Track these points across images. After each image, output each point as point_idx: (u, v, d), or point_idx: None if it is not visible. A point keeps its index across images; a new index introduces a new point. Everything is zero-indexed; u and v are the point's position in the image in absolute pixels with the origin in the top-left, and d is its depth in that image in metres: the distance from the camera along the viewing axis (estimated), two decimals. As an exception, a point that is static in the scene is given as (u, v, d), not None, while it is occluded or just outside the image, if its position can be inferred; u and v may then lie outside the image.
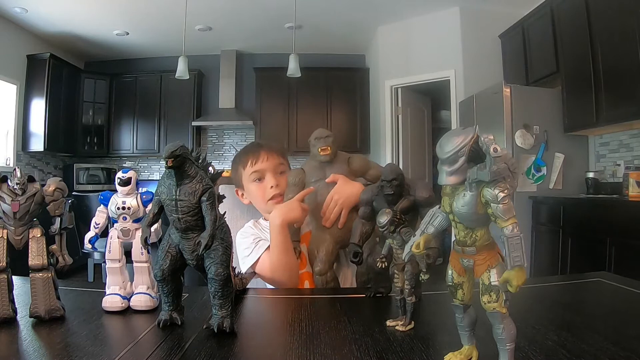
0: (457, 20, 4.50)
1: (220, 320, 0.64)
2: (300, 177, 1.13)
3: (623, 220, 2.49)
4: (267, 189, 1.24)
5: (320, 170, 1.12)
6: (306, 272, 1.14)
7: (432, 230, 0.53)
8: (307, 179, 1.13)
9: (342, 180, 1.10)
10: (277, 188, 1.23)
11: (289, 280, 1.09)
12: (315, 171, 1.13)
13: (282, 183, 1.22)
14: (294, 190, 1.12)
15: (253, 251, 1.17)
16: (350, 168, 1.14)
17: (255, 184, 1.27)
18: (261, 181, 1.26)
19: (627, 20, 2.74)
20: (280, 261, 1.08)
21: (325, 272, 1.05)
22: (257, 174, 1.26)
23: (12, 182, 0.70)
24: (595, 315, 0.78)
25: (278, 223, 1.06)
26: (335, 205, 1.09)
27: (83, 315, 0.74)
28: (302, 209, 1.08)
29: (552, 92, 3.55)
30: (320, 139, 1.10)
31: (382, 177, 0.82)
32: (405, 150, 5.14)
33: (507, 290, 0.45)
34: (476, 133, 0.47)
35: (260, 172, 1.26)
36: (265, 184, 1.25)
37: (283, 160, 1.30)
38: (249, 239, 1.20)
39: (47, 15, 4.56)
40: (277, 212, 1.08)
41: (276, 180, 1.24)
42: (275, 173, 1.26)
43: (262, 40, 5.56)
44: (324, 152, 1.10)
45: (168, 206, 0.65)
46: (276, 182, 1.24)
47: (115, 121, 5.91)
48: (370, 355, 0.57)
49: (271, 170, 1.26)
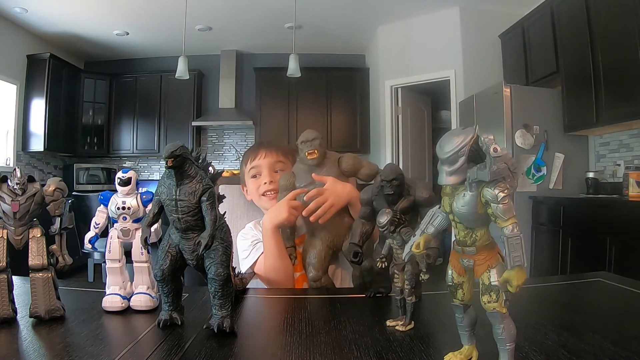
0: (457, 20, 4.50)
1: (220, 320, 0.64)
2: (291, 180, 1.11)
3: (623, 220, 2.49)
4: (262, 185, 1.27)
5: (309, 173, 1.09)
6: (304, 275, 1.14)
7: (432, 230, 0.53)
8: (297, 183, 1.10)
9: (331, 180, 1.07)
10: (272, 184, 1.25)
11: (284, 284, 1.09)
12: (304, 175, 1.09)
13: (276, 180, 1.23)
14: (285, 194, 1.10)
15: (251, 253, 1.17)
16: (340, 169, 1.10)
17: (252, 179, 1.31)
18: (259, 176, 1.30)
19: (627, 20, 2.74)
20: (273, 265, 1.08)
21: (320, 278, 1.03)
22: (255, 170, 1.30)
23: (12, 182, 0.70)
24: (595, 315, 0.78)
25: (269, 227, 1.08)
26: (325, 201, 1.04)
27: (83, 315, 0.74)
28: (289, 210, 1.06)
29: (552, 92, 3.54)
30: (307, 142, 1.07)
31: (382, 177, 0.81)
32: (405, 150, 5.14)
33: (507, 290, 0.45)
34: (476, 133, 0.47)
35: (257, 168, 1.30)
36: (260, 180, 1.29)
37: (283, 159, 1.31)
38: (248, 240, 1.21)
39: (47, 15, 4.56)
40: (267, 216, 1.10)
41: (271, 177, 1.27)
42: (271, 170, 1.28)
43: (262, 40, 5.56)
44: (311, 156, 1.07)
45: (168, 206, 0.65)
46: (270, 178, 1.26)
47: (115, 121, 5.91)
48: (370, 355, 0.57)
49: (267, 166, 1.28)
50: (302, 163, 1.11)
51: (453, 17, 4.52)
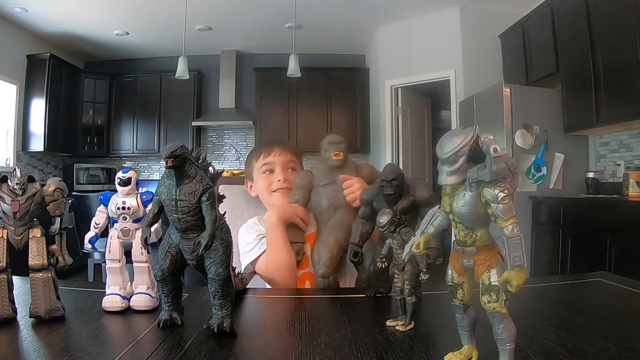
0: (457, 20, 4.50)
1: (220, 320, 0.64)
2: (309, 179, 1.16)
3: (623, 220, 2.49)
4: (275, 181, 1.29)
5: (331, 174, 1.14)
6: (307, 273, 1.14)
7: (432, 230, 0.53)
8: (315, 182, 1.15)
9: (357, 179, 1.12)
10: (285, 182, 1.27)
11: (285, 279, 1.09)
12: (325, 175, 1.14)
13: (290, 178, 1.26)
14: (300, 192, 1.16)
15: (255, 247, 1.18)
16: (359, 175, 1.15)
17: (264, 175, 1.32)
18: (270, 173, 1.31)
19: (627, 20, 2.74)
20: (275, 258, 1.10)
21: (329, 275, 1.05)
22: (268, 166, 1.31)
23: (12, 182, 0.70)
24: (595, 315, 0.78)
25: (274, 220, 1.12)
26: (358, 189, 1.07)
27: (83, 315, 0.74)
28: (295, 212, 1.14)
29: (552, 92, 3.54)
30: (334, 143, 1.13)
31: (382, 177, 0.82)
32: (405, 150, 5.14)
33: (507, 290, 0.45)
34: (476, 133, 0.48)
35: (270, 164, 1.31)
36: (273, 177, 1.30)
37: (294, 159, 1.34)
38: (253, 234, 1.21)
39: (47, 15, 4.56)
40: (273, 210, 1.15)
41: (284, 175, 1.29)
42: (284, 168, 1.31)
43: (262, 40, 5.56)
44: (336, 157, 1.12)
45: (168, 206, 0.65)
46: (284, 176, 1.28)
47: (115, 121, 5.91)
48: (370, 355, 0.57)
49: (281, 164, 1.30)
50: (323, 163, 1.15)
51: (453, 17, 4.52)
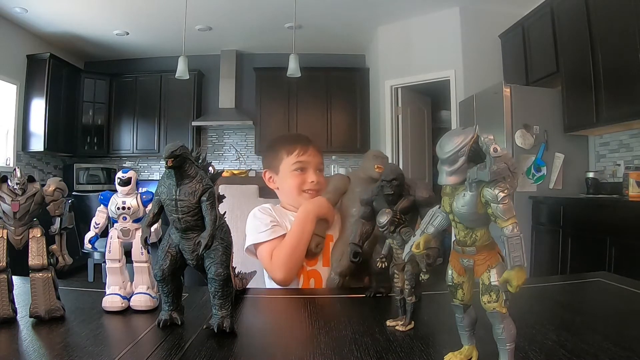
0: (457, 20, 4.50)
1: (220, 320, 0.64)
2: (345, 183, 1.20)
3: (623, 220, 2.48)
4: (307, 182, 1.28)
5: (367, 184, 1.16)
6: (315, 270, 1.14)
7: (432, 230, 0.53)
8: (351, 187, 1.19)
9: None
10: (317, 185, 1.27)
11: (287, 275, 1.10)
12: (362, 183, 1.17)
13: (321, 181, 1.28)
14: (333, 193, 1.20)
15: (267, 231, 1.18)
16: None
17: (295, 173, 1.29)
18: (303, 172, 1.29)
19: (627, 20, 2.73)
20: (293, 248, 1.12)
21: (346, 274, 1.05)
22: (301, 164, 1.29)
23: (12, 182, 0.70)
24: (595, 315, 0.78)
25: (310, 209, 1.17)
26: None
27: (83, 315, 0.74)
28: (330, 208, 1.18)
29: (552, 92, 3.54)
30: (379, 157, 1.17)
31: (382, 177, 0.82)
32: (405, 150, 5.14)
33: (507, 290, 0.45)
34: (476, 133, 0.48)
35: (304, 163, 1.29)
36: (306, 177, 1.29)
37: (323, 161, 1.36)
38: (268, 218, 1.22)
39: (47, 15, 4.56)
40: (310, 203, 1.19)
41: (317, 177, 1.29)
42: (316, 170, 1.31)
43: (262, 40, 5.56)
44: (379, 170, 1.15)
45: (168, 206, 0.65)
46: (317, 178, 1.28)
47: (115, 121, 5.90)
48: (370, 355, 0.57)
49: (314, 166, 1.30)
50: (363, 172, 1.18)
51: (453, 17, 4.52)
